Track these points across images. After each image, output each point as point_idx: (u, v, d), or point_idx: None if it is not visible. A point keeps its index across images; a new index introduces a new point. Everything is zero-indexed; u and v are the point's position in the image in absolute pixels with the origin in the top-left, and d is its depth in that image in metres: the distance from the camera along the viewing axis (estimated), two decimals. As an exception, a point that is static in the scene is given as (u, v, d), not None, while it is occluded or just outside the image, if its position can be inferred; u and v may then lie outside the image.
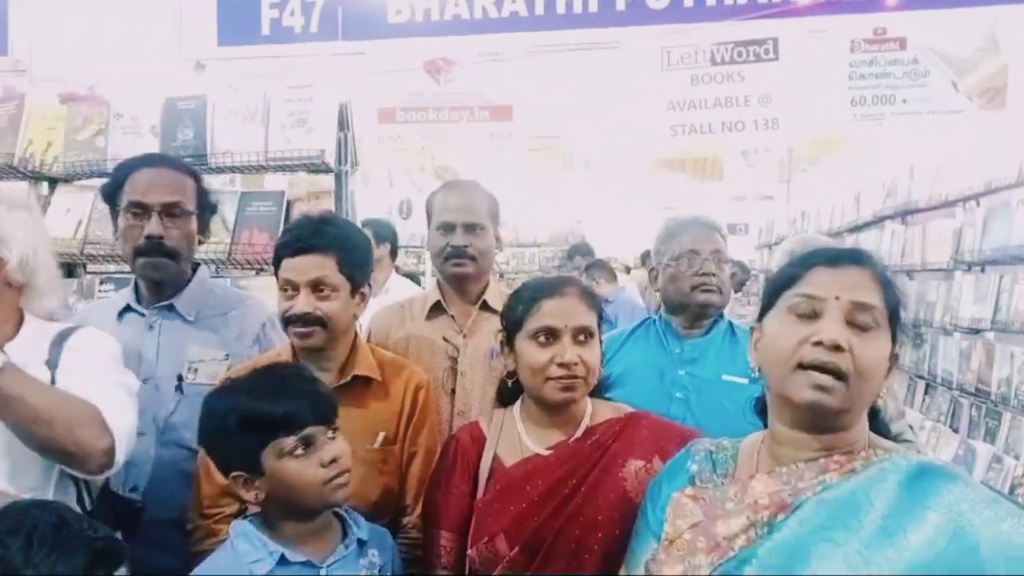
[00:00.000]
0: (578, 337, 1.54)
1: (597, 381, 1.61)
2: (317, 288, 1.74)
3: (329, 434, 1.43)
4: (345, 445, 1.46)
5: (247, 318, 2.06)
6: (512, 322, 1.61)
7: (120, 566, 1.20)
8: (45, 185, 2.90)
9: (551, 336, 1.54)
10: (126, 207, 1.95)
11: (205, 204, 2.06)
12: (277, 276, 1.80)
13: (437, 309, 2.20)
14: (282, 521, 1.43)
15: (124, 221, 1.96)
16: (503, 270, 10.64)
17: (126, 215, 1.95)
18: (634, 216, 9.28)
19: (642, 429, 1.57)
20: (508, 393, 1.68)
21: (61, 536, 1.16)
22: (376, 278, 1.94)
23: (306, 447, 1.39)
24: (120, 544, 1.24)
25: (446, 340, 2.15)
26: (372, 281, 1.90)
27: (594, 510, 1.47)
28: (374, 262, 2.04)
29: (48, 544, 1.14)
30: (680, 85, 4.39)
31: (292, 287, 1.75)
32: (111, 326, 1.96)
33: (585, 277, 5.35)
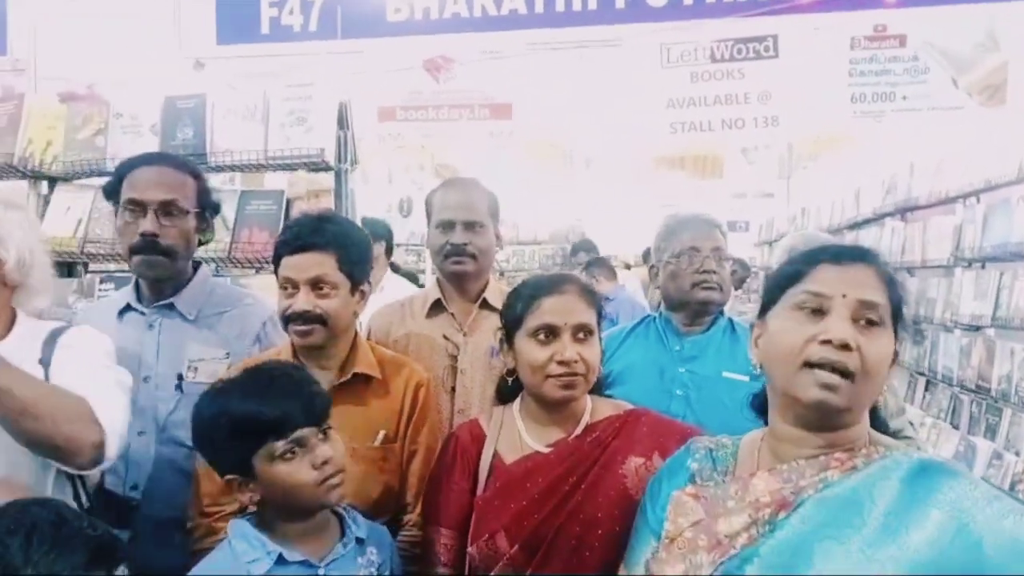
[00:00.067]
0: (578, 335, 1.54)
1: (597, 378, 1.61)
2: (317, 286, 1.74)
3: (320, 435, 1.41)
4: (339, 445, 1.44)
5: (248, 317, 2.05)
6: (512, 320, 1.60)
7: (120, 564, 1.20)
8: (45, 184, 2.89)
9: (551, 334, 1.53)
10: (124, 204, 1.95)
11: (206, 204, 2.04)
12: (277, 274, 1.80)
13: (437, 307, 2.20)
14: (279, 521, 1.42)
15: (122, 218, 1.96)
16: (503, 268, 10.63)
17: (124, 212, 1.95)
18: (634, 213, 9.25)
19: (642, 426, 1.57)
20: (507, 391, 1.68)
21: (60, 534, 1.16)
22: (372, 276, 1.95)
23: (297, 449, 1.38)
24: (120, 542, 1.24)
25: (446, 338, 2.15)
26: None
27: (594, 507, 1.47)
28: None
29: (47, 542, 1.14)
30: (680, 82, 4.38)
31: (292, 285, 1.75)
32: (112, 325, 1.96)
33: (585, 275, 5.34)
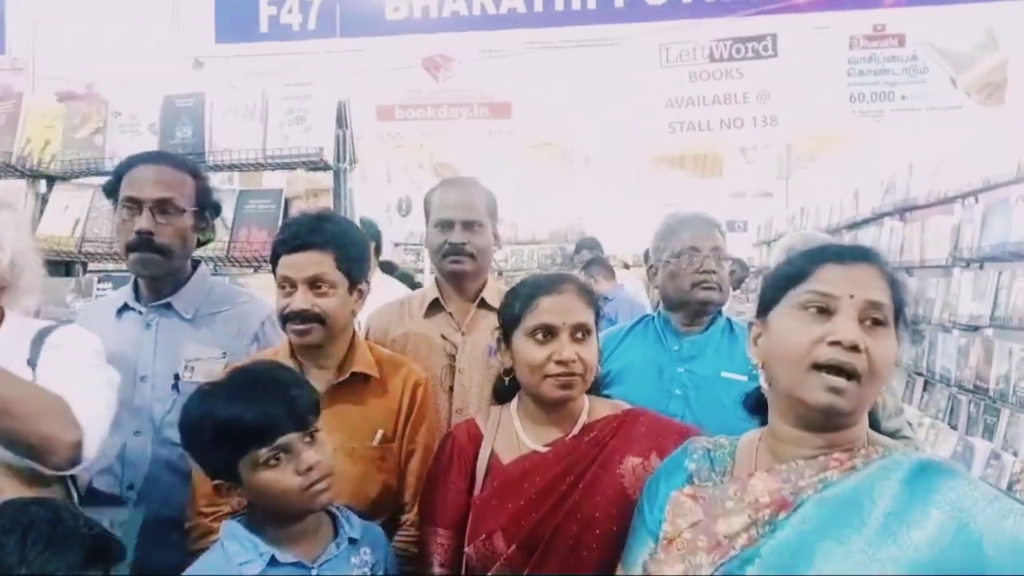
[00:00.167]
0: (576, 335, 1.54)
1: (595, 378, 1.60)
2: (315, 285, 1.73)
3: (307, 439, 1.39)
4: (327, 448, 1.43)
5: (246, 316, 2.05)
6: (509, 319, 1.60)
7: (116, 564, 1.20)
8: (43, 183, 2.90)
9: (549, 333, 1.53)
10: (121, 202, 1.95)
11: (206, 203, 2.03)
12: (275, 273, 1.80)
13: (435, 306, 2.20)
14: (271, 523, 1.42)
15: (119, 216, 1.96)
16: (502, 268, 10.63)
17: (121, 210, 1.95)
18: (633, 213, 9.25)
19: (640, 426, 1.56)
20: (504, 390, 1.68)
21: (57, 533, 1.16)
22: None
23: (282, 456, 1.36)
24: (116, 541, 1.24)
25: (444, 338, 2.15)
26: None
27: (592, 507, 1.47)
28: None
29: (43, 541, 1.14)
30: (679, 82, 4.37)
31: (290, 284, 1.74)
32: (109, 324, 1.96)
33: (583, 274, 5.34)
